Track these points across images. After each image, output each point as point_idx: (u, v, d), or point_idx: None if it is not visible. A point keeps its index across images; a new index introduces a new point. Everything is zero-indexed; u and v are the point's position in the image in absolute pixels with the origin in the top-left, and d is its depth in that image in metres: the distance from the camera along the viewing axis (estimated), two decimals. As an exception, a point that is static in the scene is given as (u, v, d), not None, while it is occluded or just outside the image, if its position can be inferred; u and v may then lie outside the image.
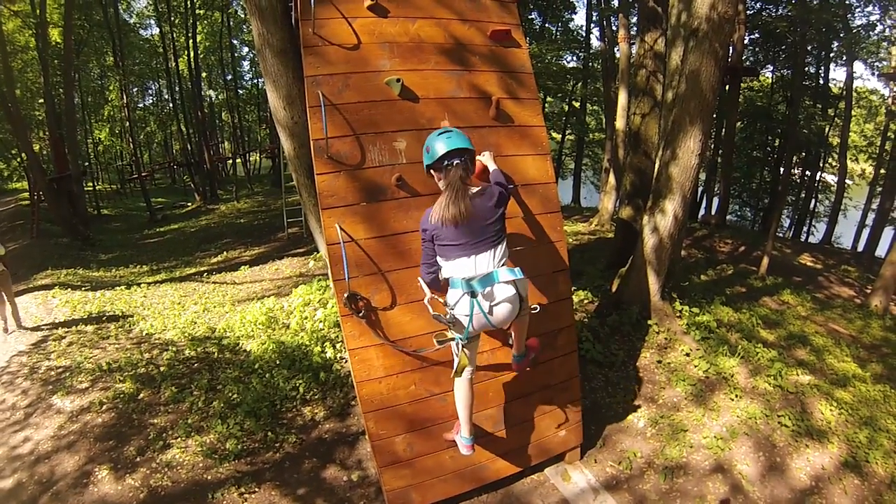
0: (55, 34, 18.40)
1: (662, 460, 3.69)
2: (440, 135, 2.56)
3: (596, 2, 18.74)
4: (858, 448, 3.74)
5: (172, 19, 24.05)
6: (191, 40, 23.56)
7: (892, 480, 3.50)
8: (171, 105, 28.47)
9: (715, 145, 16.46)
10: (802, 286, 8.14)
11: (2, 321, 6.38)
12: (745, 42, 15.49)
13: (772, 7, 16.85)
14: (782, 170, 16.35)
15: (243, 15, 25.67)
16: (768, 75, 19.37)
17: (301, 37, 2.89)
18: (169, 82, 26.27)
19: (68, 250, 13.25)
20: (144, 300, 8.15)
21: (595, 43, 20.41)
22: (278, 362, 4.74)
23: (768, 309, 6.42)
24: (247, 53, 32.59)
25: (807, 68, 16.79)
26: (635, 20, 13.10)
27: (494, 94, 3.18)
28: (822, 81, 17.65)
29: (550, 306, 3.34)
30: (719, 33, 4.52)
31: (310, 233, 9.33)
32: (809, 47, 16.10)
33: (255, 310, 6.05)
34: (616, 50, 14.70)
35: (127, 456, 3.73)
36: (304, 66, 2.88)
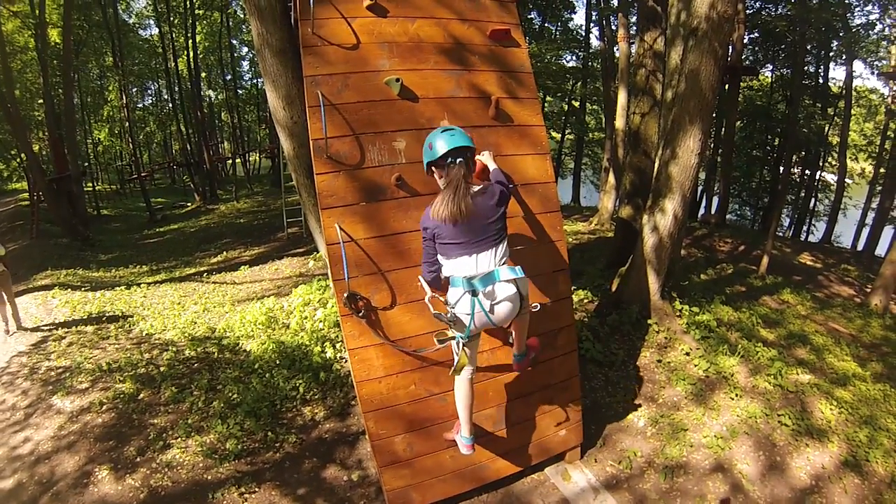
0: (54, 34, 18.41)
1: (662, 459, 3.69)
2: (443, 132, 2.54)
3: (595, 1, 18.74)
4: (858, 447, 3.74)
5: (172, 19, 24.05)
6: (190, 40, 23.55)
7: (893, 479, 3.50)
8: (171, 105, 28.48)
9: (714, 144, 16.47)
10: (802, 285, 8.14)
11: (3, 323, 6.38)
12: (745, 41, 15.47)
13: (771, 6, 16.85)
14: (782, 169, 16.33)
15: (242, 15, 25.69)
16: (768, 74, 19.37)
17: (300, 37, 2.89)
18: (168, 82, 26.24)
19: (68, 251, 13.24)
20: (144, 300, 8.15)
21: (594, 42, 20.45)
22: (278, 362, 4.74)
23: (768, 308, 6.42)
24: (246, 53, 32.63)
25: (806, 67, 16.78)
26: (635, 19, 13.10)
27: (494, 94, 3.18)
28: (821, 80, 17.64)
29: (550, 306, 3.34)
30: (719, 32, 4.52)
31: (309, 233, 9.33)
32: (809, 46, 16.10)
33: (254, 310, 6.05)
34: (615, 49, 14.68)
35: (127, 456, 3.73)
36: (304, 65, 2.88)
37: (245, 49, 32.04)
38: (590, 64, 20.05)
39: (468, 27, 3.21)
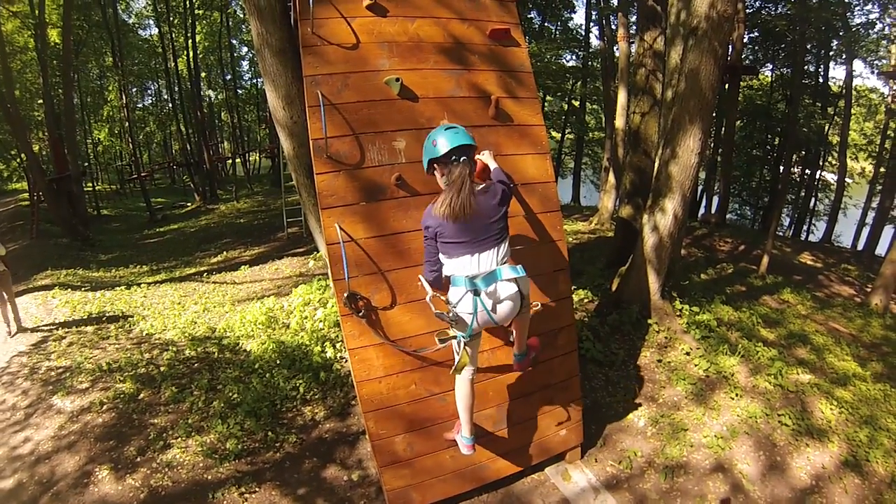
0: (54, 35, 18.41)
1: (663, 459, 3.69)
2: (447, 130, 2.53)
3: (595, 1, 18.73)
4: (859, 447, 3.74)
5: (171, 19, 24.05)
6: (190, 40, 23.55)
7: (893, 479, 3.50)
8: (171, 105, 28.48)
9: (714, 144, 16.46)
10: (802, 285, 8.14)
11: (5, 325, 6.37)
12: (745, 40, 15.47)
13: (771, 5, 16.83)
14: (782, 168, 16.33)
15: (242, 15, 25.69)
16: (768, 74, 19.35)
17: (300, 36, 2.89)
18: (168, 82, 26.24)
19: (68, 251, 13.24)
20: (144, 300, 8.15)
21: (594, 42, 20.43)
22: (278, 362, 4.74)
23: (768, 308, 6.42)
24: (246, 53, 32.62)
25: (806, 67, 16.77)
26: (634, 19, 13.09)
27: (494, 94, 3.18)
28: (821, 80, 17.64)
29: (550, 305, 3.34)
30: (719, 32, 4.52)
31: (309, 232, 9.33)
32: (809, 46, 16.09)
33: (255, 310, 6.04)
34: (615, 49, 14.66)
35: (127, 456, 3.73)
36: (303, 65, 2.87)
37: (245, 49, 32.05)
38: (590, 63, 20.05)
39: (468, 27, 3.21)
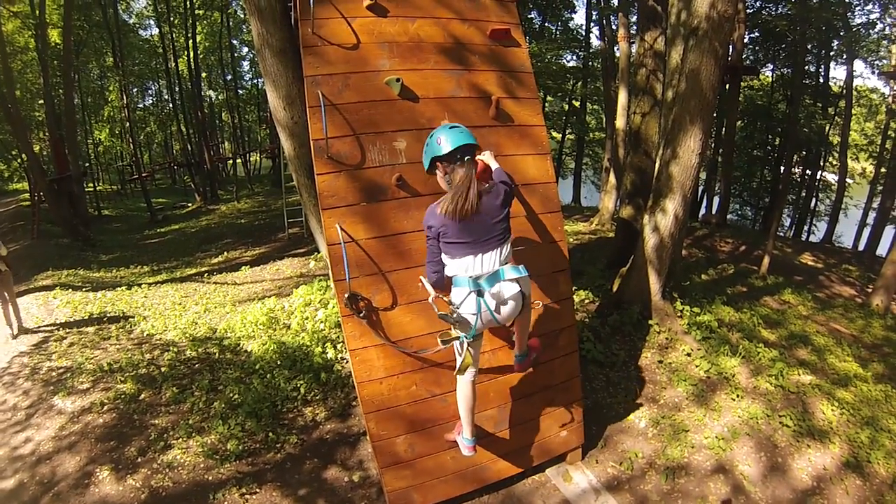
0: (55, 35, 18.41)
1: (664, 461, 3.68)
2: (451, 129, 2.51)
3: (595, 1, 18.73)
4: (860, 448, 3.73)
5: (172, 20, 24.05)
6: (190, 40, 23.54)
7: (894, 480, 3.49)
8: (171, 105, 28.46)
9: (715, 144, 16.46)
10: (803, 285, 8.13)
11: (8, 327, 6.36)
12: (745, 41, 15.47)
13: (772, 5, 16.84)
14: (783, 169, 16.34)
15: (243, 15, 25.68)
16: (768, 74, 19.36)
17: (300, 37, 2.89)
18: (169, 83, 26.26)
19: (69, 251, 13.25)
20: (145, 301, 8.15)
21: (595, 42, 20.43)
22: (279, 363, 4.74)
23: (769, 308, 6.41)
24: (246, 53, 32.60)
25: (807, 67, 16.78)
26: (635, 19, 13.08)
27: (494, 94, 3.18)
28: (822, 80, 17.64)
29: (551, 306, 3.33)
30: (719, 32, 4.51)
31: (310, 233, 9.34)
32: (809, 46, 16.10)
33: (255, 310, 6.04)
34: (616, 49, 14.68)
35: (128, 456, 3.73)
36: (304, 66, 2.87)
37: (245, 49, 32.03)
38: (590, 64, 20.04)
39: (468, 27, 3.21)
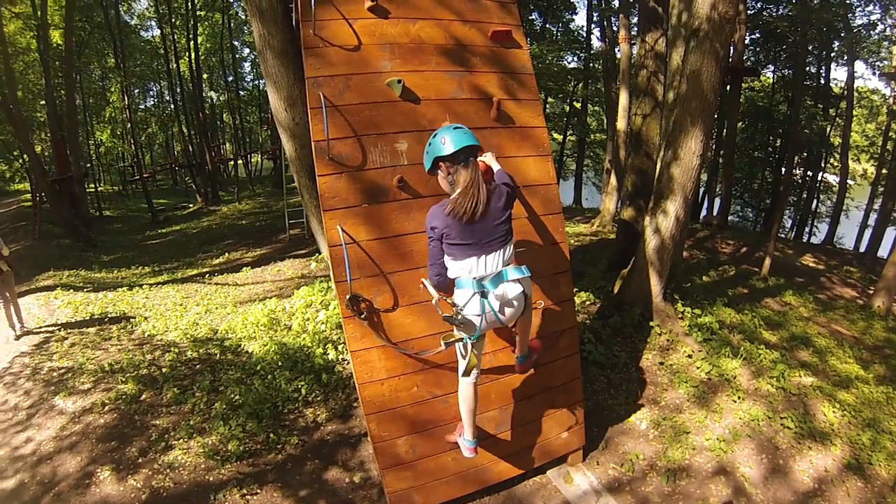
0: (56, 36, 18.46)
1: (665, 462, 3.68)
2: (455, 129, 2.50)
3: (596, 2, 18.75)
4: (861, 450, 3.73)
5: (173, 21, 24.10)
6: (192, 42, 23.60)
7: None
8: (173, 106, 28.50)
9: (716, 146, 16.43)
10: (805, 287, 8.11)
11: (11, 329, 6.37)
12: (746, 42, 15.47)
13: (772, 7, 16.85)
14: (784, 170, 16.32)
15: (244, 16, 25.73)
16: (769, 75, 19.36)
17: (302, 38, 2.89)
18: (170, 84, 26.34)
19: (70, 251, 13.28)
20: (146, 301, 8.16)
21: (596, 43, 20.45)
22: (280, 364, 4.74)
23: (770, 310, 6.40)
24: (248, 55, 32.65)
25: (808, 68, 16.77)
26: (636, 20, 13.08)
27: (495, 95, 3.18)
28: (823, 81, 17.65)
29: (552, 308, 3.33)
30: (720, 33, 4.51)
31: (311, 234, 9.34)
32: (810, 47, 16.09)
33: (256, 311, 6.04)
34: (617, 50, 14.68)
35: (129, 457, 3.73)
36: (305, 67, 2.88)
37: (247, 50, 32.11)
38: (591, 65, 20.04)
39: (469, 28, 3.21)
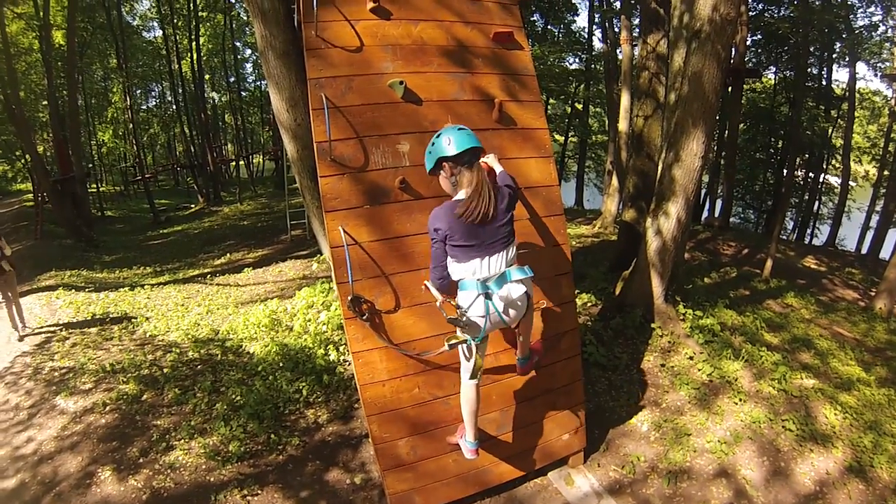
0: (59, 36, 18.54)
1: (666, 464, 3.67)
2: (459, 130, 2.49)
3: (598, 3, 18.75)
4: (863, 452, 3.72)
5: (175, 22, 24.17)
6: (194, 42, 23.67)
7: (898, 485, 3.48)
8: (175, 107, 28.59)
9: (718, 147, 16.42)
10: (806, 289, 8.10)
11: (14, 330, 6.37)
12: (748, 43, 15.42)
13: (774, 8, 16.83)
14: (785, 172, 16.30)
15: (246, 17, 25.74)
16: (771, 77, 19.32)
17: (304, 39, 2.90)
18: (172, 84, 26.40)
19: (72, 251, 13.30)
20: (148, 302, 8.17)
21: (597, 45, 20.46)
22: (281, 365, 4.74)
23: (772, 312, 6.39)
24: (250, 55, 32.71)
25: (809, 69, 16.76)
26: (637, 22, 13.07)
27: (497, 97, 3.18)
28: (824, 83, 17.62)
29: (554, 309, 3.33)
30: (722, 35, 4.51)
31: (313, 235, 9.34)
32: (812, 48, 16.07)
33: (258, 312, 6.05)
34: (618, 52, 14.70)
35: (130, 457, 3.74)
36: (307, 68, 2.88)
37: (248, 51, 32.16)
38: (593, 66, 20.06)
39: (471, 30, 3.21)
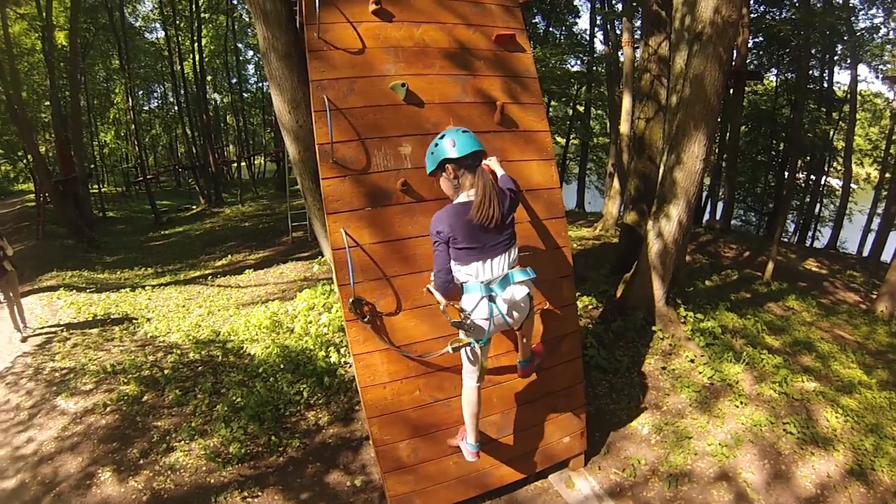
0: (61, 37, 18.60)
1: (667, 467, 3.66)
2: (463, 132, 2.50)
3: (600, 5, 18.76)
4: (864, 456, 3.71)
5: (178, 23, 24.21)
6: (196, 44, 23.72)
7: (900, 489, 3.47)
8: (177, 108, 28.57)
9: (719, 150, 16.42)
10: (807, 291, 8.08)
11: (17, 331, 6.37)
12: (749, 46, 15.43)
13: (776, 10, 16.84)
14: (787, 174, 16.30)
15: (248, 19, 25.80)
16: (772, 79, 19.32)
17: (306, 41, 2.90)
18: (174, 85, 26.43)
19: (73, 252, 13.31)
20: (149, 303, 8.18)
21: (599, 47, 20.49)
22: (282, 366, 4.74)
23: (773, 315, 6.38)
24: (252, 57, 32.75)
25: (811, 72, 16.75)
26: (639, 24, 13.10)
27: (499, 99, 3.19)
28: (826, 85, 17.61)
29: (555, 312, 3.33)
30: (723, 37, 4.51)
31: (314, 237, 9.34)
32: (813, 50, 16.06)
33: (259, 313, 6.05)
34: (620, 54, 14.67)
35: (130, 458, 3.74)
36: (309, 70, 2.88)
37: (251, 53, 32.21)
38: (594, 68, 20.04)
39: (473, 32, 3.21)
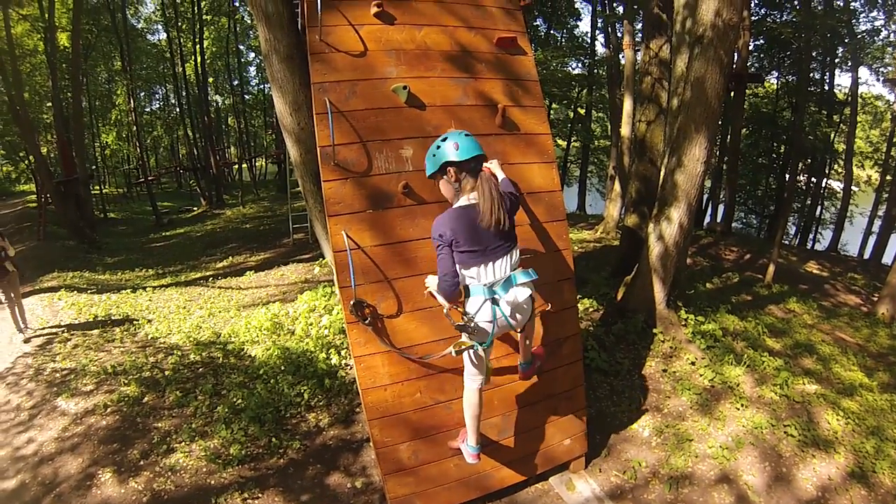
0: (63, 38, 18.64)
1: (667, 470, 3.66)
2: (466, 136, 2.50)
3: (601, 8, 18.78)
4: (865, 458, 3.70)
5: (180, 25, 24.28)
6: (198, 45, 23.76)
7: (901, 492, 3.46)
8: (178, 110, 28.59)
9: (720, 152, 16.41)
10: (808, 294, 8.08)
11: (19, 332, 6.38)
12: (750, 48, 15.45)
13: (776, 13, 16.85)
14: (788, 176, 16.29)
15: (250, 20, 25.90)
16: (773, 81, 19.32)
17: (308, 43, 2.91)
18: (176, 87, 26.45)
19: (75, 253, 13.32)
20: (150, 304, 8.18)
21: (600, 50, 20.51)
22: (283, 368, 4.75)
23: (774, 317, 6.38)
24: (253, 59, 32.85)
25: (812, 74, 16.75)
26: (640, 27, 13.11)
27: (500, 102, 3.19)
28: (827, 87, 17.61)
29: (555, 314, 3.33)
30: (724, 40, 4.52)
31: (315, 239, 9.36)
32: (814, 53, 16.07)
33: (260, 315, 6.06)
34: (621, 57, 14.68)
35: (130, 459, 3.74)
36: (311, 72, 2.89)
37: (252, 54, 32.31)
38: (595, 71, 20.08)
39: (475, 35, 3.22)
